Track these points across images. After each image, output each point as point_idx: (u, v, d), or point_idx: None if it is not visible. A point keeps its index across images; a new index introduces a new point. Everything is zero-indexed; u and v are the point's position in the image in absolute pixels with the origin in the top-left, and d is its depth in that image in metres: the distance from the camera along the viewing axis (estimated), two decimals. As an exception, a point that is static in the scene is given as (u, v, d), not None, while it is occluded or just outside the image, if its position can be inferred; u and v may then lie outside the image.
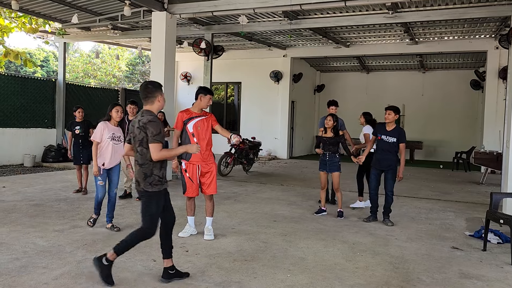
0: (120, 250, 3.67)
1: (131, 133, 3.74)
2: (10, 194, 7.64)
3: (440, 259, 4.67)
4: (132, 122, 3.73)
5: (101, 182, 5.46)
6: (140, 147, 3.63)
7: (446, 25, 11.47)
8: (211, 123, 5.21)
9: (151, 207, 3.68)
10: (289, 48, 15.43)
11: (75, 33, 13.47)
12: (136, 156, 3.68)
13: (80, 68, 27.86)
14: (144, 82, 3.87)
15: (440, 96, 17.09)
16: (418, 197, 8.48)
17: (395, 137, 6.20)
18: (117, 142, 5.48)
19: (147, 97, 3.72)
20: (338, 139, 6.59)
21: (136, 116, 3.72)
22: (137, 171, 3.70)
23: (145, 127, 3.57)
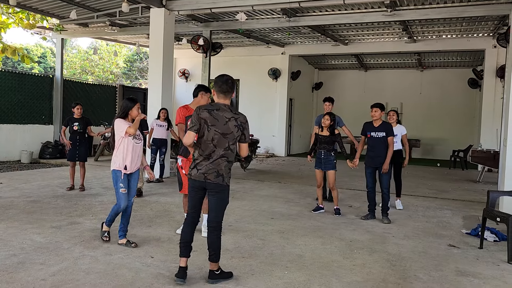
0: (219, 256, 3.77)
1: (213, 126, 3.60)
2: (8, 190, 7.62)
3: (437, 257, 4.69)
4: (214, 114, 3.62)
5: (123, 190, 4.68)
6: (234, 145, 3.69)
7: (444, 24, 11.49)
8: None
9: (228, 200, 3.86)
10: (288, 46, 15.42)
11: (73, 29, 13.43)
12: (227, 153, 3.66)
13: (77, 64, 27.76)
14: (225, 75, 3.75)
15: (438, 94, 17.13)
16: (415, 195, 8.50)
17: (384, 132, 6.28)
18: (138, 141, 4.80)
19: (226, 91, 3.71)
20: (334, 138, 6.60)
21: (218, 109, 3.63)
22: (223, 166, 3.66)
23: (243, 128, 3.68)
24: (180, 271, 3.72)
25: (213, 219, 3.78)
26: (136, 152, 4.76)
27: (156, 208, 6.59)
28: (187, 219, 3.86)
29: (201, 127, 3.65)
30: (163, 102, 9.62)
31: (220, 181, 3.67)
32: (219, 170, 3.66)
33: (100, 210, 6.31)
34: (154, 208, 6.59)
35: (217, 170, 3.65)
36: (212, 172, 3.64)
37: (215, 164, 3.65)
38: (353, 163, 6.56)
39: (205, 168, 3.65)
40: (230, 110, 3.68)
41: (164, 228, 5.42)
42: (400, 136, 7.10)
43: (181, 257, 3.76)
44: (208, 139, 3.64)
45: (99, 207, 6.50)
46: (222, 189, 3.72)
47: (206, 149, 3.66)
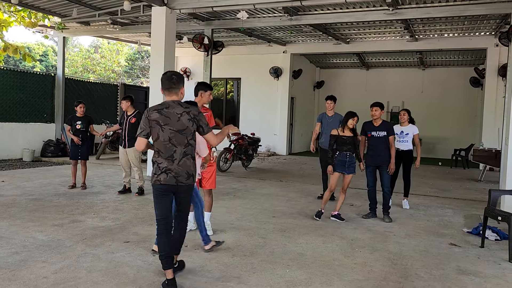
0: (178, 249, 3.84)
1: (166, 125, 3.48)
2: (10, 188, 7.64)
3: (438, 256, 4.69)
4: (164, 113, 3.48)
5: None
6: (192, 140, 3.57)
7: (446, 22, 11.46)
8: (208, 119, 5.19)
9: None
10: (289, 44, 15.40)
11: (75, 28, 13.43)
12: (188, 150, 3.55)
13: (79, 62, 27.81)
14: (169, 72, 3.68)
15: (439, 93, 17.11)
16: (417, 194, 8.50)
17: (385, 131, 6.29)
18: None
19: (171, 88, 3.58)
20: (355, 139, 6.21)
21: (168, 107, 3.51)
22: (191, 165, 3.56)
23: (197, 120, 3.54)
24: (170, 283, 3.51)
25: (182, 214, 3.78)
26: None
27: (158, 207, 6.60)
28: (159, 229, 3.62)
29: (152, 130, 3.52)
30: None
31: (191, 181, 3.60)
32: (188, 170, 3.55)
33: (101, 208, 6.32)
34: (155, 207, 6.59)
35: (187, 171, 3.54)
36: (182, 174, 3.52)
37: (182, 165, 3.52)
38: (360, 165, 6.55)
39: (175, 172, 3.50)
40: (180, 105, 3.55)
41: (166, 227, 5.42)
42: (412, 136, 7.08)
43: (165, 270, 3.53)
44: (165, 139, 3.50)
45: (100, 205, 6.52)
46: (192, 190, 3.73)
47: (166, 150, 3.51)
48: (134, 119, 7.37)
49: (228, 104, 17.11)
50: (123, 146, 7.45)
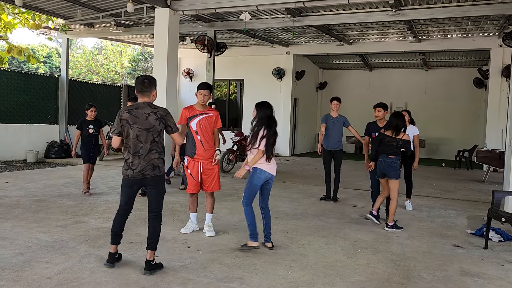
0: (154, 245, 3.96)
1: (135, 124, 3.86)
2: (14, 189, 7.68)
3: (441, 257, 4.68)
4: (134, 113, 3.88)
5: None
6: (158, 137, 3.93)
7: (449, 23, 11.44)
8: (214, 121, 5.17)
9: (164, 189, 4.11)
10: (292, 45, 15.41)
11: (78, 29, 13.49)
12: (154, 145, 3.91)
13: (82, 64, 27.89)
14: (141, 76, 4.06)
15: (443, 94, 17.06)
16: (420, 195, 8.47)
17: None
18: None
19: (143, 91, 3.95)
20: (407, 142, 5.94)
21: (137, 107, 3.90)
22: (155, 158, 3.92)
23: (165, 120, 3.92)
24: (110, 257, 4.01)
25: (155, 209, 4.04)
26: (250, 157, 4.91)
27: (161, 208, 6.61)
28: (119, 211, 4.08)
29: (124, 129, 3.90)
30: (168, 102, 9.65)
31: (157, 172, 3.94)
32: (153, 163, 3.91)
33: (105, 210, 6.34)
34: (158, 208, 6.60)
35: (152, 164, 3.90)
36: (148, 168, 3.89)
37: (147, 159, 3.89)
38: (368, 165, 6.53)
39: (140, 167, 3.88)
40: (149, 106, 3.92)
41: (169, 227, 5.44)
42: (412, 137, 7.06)
43: (111, 244, 4.04)
44: (133, 136, 3.87)
45: (104, 206, 6.54)
46: (161, 180, 4.01)
47: (134, 146, 3.89)
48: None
49: (231, 105, 17.12)
50: None
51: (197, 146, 5.10)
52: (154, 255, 3.95)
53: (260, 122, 4.77)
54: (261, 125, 4.74)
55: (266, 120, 4.77)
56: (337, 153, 7.59)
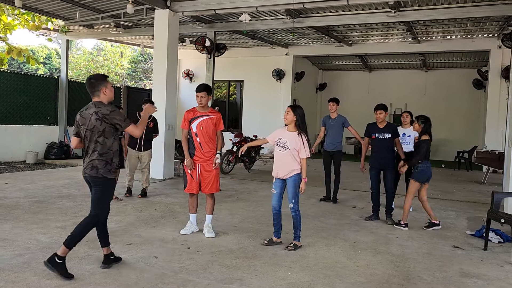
0: (71, 243, 3.78)
1: (83, 125, 3.86)
2: (13, 190, 7.67)
3: (441, 258, 4.68)
4: (82, 114, 3.88)
5: (273, 191, 4.96)
6: (101, 138, 3.84)
7: (449, 24, 11.45)
8: (216, 123, 5.15)
9: (109, 194, 4.02)
10: (292, 47, 15.42)
11: (78, 31, 13.50)
12: (96, 146, 3.85)
13: (82, 65, 27.89)
14: (88, 77, 4.02)
15: (442, 95, 17.07)
16: (420, 196, 8.46)
17: (390, 133, 6.28)
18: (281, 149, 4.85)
19: (92, 91, 3.92)
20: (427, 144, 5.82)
21: (87, 108, 3.89)
22: (95, 159, 3.84)
23: (107, 118, 3.81)
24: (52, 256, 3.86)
25: (91, 209, 3.95)
26: (279, 159, 4.81)
27: (161, 209, 6.61)
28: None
29: (79, 129, 3.92)
30: (168, 103, 9.66)
31: (94, 173, 3.85)
32: (93, 163, 3.85)
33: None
34: (158, 209, 6.61)
35: (92, 164, 3.86)
36: (88, 167, 3.87)
37: (90, 159, 3.87)
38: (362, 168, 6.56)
39: (85, 165, 3.91)
40: (94, 106, 3.86)
41: (168, 229, 5.44)
42: (413, 138, 7.06)
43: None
44: (83, 137, 3.92)
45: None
46: (99, 182, 3.87)
47: (85, 147, 3.95)
48: (152, 124, 7.39)
49: (231, 106, 17.13)
50: (137, 149, 7.34)
51: (196, 148, 5.10)
52: (64, 252, 3.72)
53: (304, 126, 4.77)
54: (305, 131, 4.76)
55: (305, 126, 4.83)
56: (336, 154, 7.60)
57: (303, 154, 4.72)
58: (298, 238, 4.83)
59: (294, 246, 4.72)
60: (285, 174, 4.76)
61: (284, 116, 4.84)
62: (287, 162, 4.73)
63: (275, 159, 4.87)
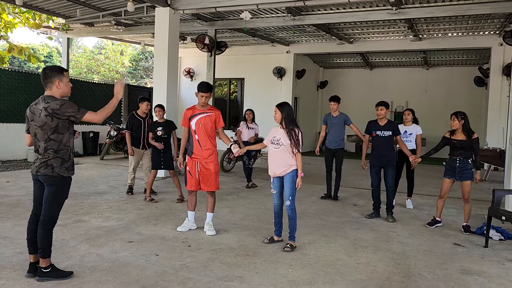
0: (46, 252, 3.64)
1: (32, 121, 3.62)
2: (14, 189, 7.69)
3: (441, 255, 4.68)
4: (32, 110, 3.62)
5: (272, 191, 4.92)
6: (54, 134, 3.59)
7: (450, 22, 11.43)
8: (215, 121, 5.16)
9: (65, 193, 3.75)
10: (292, 44, 15.40)
11: (79, 29, 13.50)
12: (50, 144, 3.59)
13: (83, 63, 27.91)
14: (44, 68, 3.75)
15: (443, 92, 17.04)
16: (421, 193, 8.47)
17: (390, 131, 6.27)
18: (276, 146, 4.79)
19: (45, 82, 3.64)
20: (471, 142, 5.68)
21: (36, 103, 3.61)
22: (51, 158, 3.60)
23: (59, 113, 3.53)
24: (29, 266, 3.73)
25: (42, 212, 3.65)
26: (275, 157, 4.75)
27: (162, 207, 6.62)
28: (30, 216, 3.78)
29: (30, 126, 3.68)
30: (168, 101, 9.66)
31: (49, 171, 3.60)
32: (48, 161, 3.60)
33: (105, 209, 6.35)
34: (159, 207, 6.62)
35: (46, 162, 3.60)
36: (42, 166, 3.61)
37: (44, 157, 3.61)
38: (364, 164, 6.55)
39: (38, 163, 3.63)
40: (44, 101, 3.58)
41: (169, 226, 5.45)
42: (415, 136, 7.06)
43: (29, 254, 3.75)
44: (33, 134, 3.67)
45: (104, 206, 6.55)
46: (54, 181, 3.63)
47: (34, 144, 3.70)
48: (150, 121, 7.37)
49: (232, 104, 17.12)
50: (141, 148, 7.31)
51: (194, 145, 5.12)
52: (46, 263, 3.62)
53: (295, 123, 4.75)
54: (297, 127, 4.74)
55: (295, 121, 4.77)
56: (338, 152, 7.60)
57: (297, 148, 4.70)
58: (293, 238, 4.76)
59: (290, 247, 4.67)
60: (282, 171, 4.73)
61: (274, 117, 4.85)
62: (282, 158, 4.71)
63: (269, 158, 4.84)
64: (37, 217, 3.69)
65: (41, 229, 3.63)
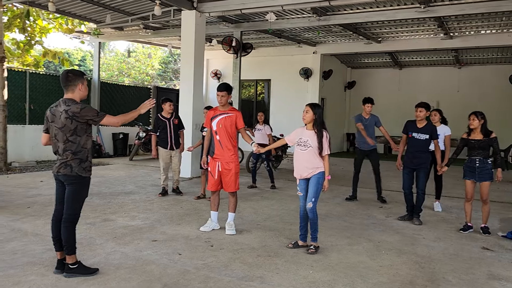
0: (71, 249, 3.77)
1: (52, 123, 3.75)
2: (47, 188, 7.98)
3: (469, 260, 4.55)
4: (52, 111, 3.76)
5: (299, 193, 4.85)
6: (73, 136, 3.71)
7: (482, 19, 11.06)
8: (235, 121, 5.22)
9: (83, 193, 3.88)
10: (319, 45, 15.29)
11: (109, 33, 13.88)
12: (68, 146, 3.71)
13: (115, 66, 28.66)
14: (64, 71, 3.88)
15: (476, 92, 16.50)
16: (450, 196, 8.26)
17: (428, 134, 6.08)
18: (302, 148, 4.72)
19: (67, 85, 3.76)
20: (489, 141, 5.57)
21: (57, 105, 3.75)
22: (70, 159, 3.72)
23: (78, 116, 3.66)
24: (57, 262, 3.86)
25: (65, 210, 3.79)
26: (301, 159, 4.69)
27: (186, 207, 6.73)
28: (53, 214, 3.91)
29: (49, 126, 3.81)
30: (194, 102, 9.79)
31: (68, 171, 3.72)
32: (67, 162, 3.73)
33: (132, 208, 6.50)
34: (184, 207, 6.72)
35: (65, 162, 3.73)
36: (61, 166, 3.74)
37: (63, 158, 3.74)
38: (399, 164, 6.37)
39: (58, 163, 3.77)
40: (64, 103, 3.71)
41: (193, 226, 5.53)
42: (443, 137, 6.88)
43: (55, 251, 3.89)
44: (52, 135, 3.80)
45: (131, 205, 6.71)
46: (73, 180, 3.75)
47: (53, 145, 3.83)
48: (176, 120, 7.47)
49: (259, 105, 17.17)
50: (169, 149, 7.42)
51: (215, 146, 5.20)
52: (72, 259, 3.76)
53: (324, 125, 4.68)
54: (326, 129, 4.69)
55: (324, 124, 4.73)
56: (372, 153, 7.47)
57: (325, 151, 4.64)
58: (316, 239, 4.71)
59: (315, 248, 4.62)
60: (308, 173, 4.67)
61: (303, 115, 4.70)
62: (309, 160, 4.64)
63: (295, 160, 4.78)
64: (60, 215, 3.83)
65: (64, 227, 3.77)
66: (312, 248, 4.62)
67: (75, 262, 3.79)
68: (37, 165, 11.31)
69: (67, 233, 3.76)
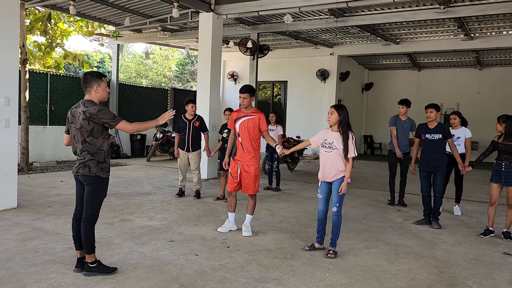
0: (89, 249, 3.83)
1: (72, 123, 3.84)
2: (67, 188, 8.12)
3: (489, 265, 4.46)
4: (72, 112, 3.85)
5: (319, 196, 4.77)
6: (89, 137, 3.77)
7: (504, 19, 10.84)
8: (258, 124, 5.20)
9: (102, 193, 3.94)
10: (336, 46, 15.21)
11: (128, 35, 14.07)
12: (85, 146, 3.78)
13: (133, 68, 29.03)
14: (84, 72, 3.94)
15: (498, 94, 16.17)
16: (471, 200, 8.11)
17: (440, 134, 6.01)
18: (328, 150, 4.67)
19: (85, 87, 3.85)
20: None
21: (77, 106, 3.84)
22: (87, 160, 3.79)
23: (95, 118, 3.72)
24: (77, 261, 3.93)
25: (84, 210, 3.86)
26: (326, 161, 4.63)
27: (203, 208, 6.76)
28: (74, 213, 3.98)
29: (70, 127, 3.90)
30: (211, 104, 9.85)
31: (86, 172, 3.78)
32: (85, 162, 3.79)
33: (149, 209, 6.57)
34: (201, 208, 6.76)
35: (84, 163, 3.80)
36: (80, 166, 3.81)
37: (81, 158, 3.81)
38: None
39: (77, 163, 3.85)
40: (83, 105, 3.79)
41: (210, 227, 5.55)
42: (464, 139, 6.77)
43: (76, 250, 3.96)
44: (72, 136, 3.89)
45: (149, 206, 6.78)
46: (92, 180, 3.81)
47: (72, 146, 3.92)
48: (198, 123, 7.40)
49: (275, 107, 17.16)
50: (185, 150, 7.41)
51: (237, 148, 5.21)
52: (91, 258, 3.82)
53: (350, 127, 4.62)
54: (352, 131, 4.63)
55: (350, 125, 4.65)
56: (405, 156, 7.33)
57: (351, 153, 4.56)
58: (335, 244, 4.64)
59: (334, 253, 4.56)
60: (332, 175, 4.59)
61: (327, 117, 4.66)
62: (334, 162, 4.57)
63: (321, 161, 4.71)
64: (80, 215, 3.89)
65: (83, 226, 3.84)
66: (332, 253, 4.55)
67: (94, 261, 3.85)
68: (57, 165, 11.52)
69: (86, 233, 3.82)
